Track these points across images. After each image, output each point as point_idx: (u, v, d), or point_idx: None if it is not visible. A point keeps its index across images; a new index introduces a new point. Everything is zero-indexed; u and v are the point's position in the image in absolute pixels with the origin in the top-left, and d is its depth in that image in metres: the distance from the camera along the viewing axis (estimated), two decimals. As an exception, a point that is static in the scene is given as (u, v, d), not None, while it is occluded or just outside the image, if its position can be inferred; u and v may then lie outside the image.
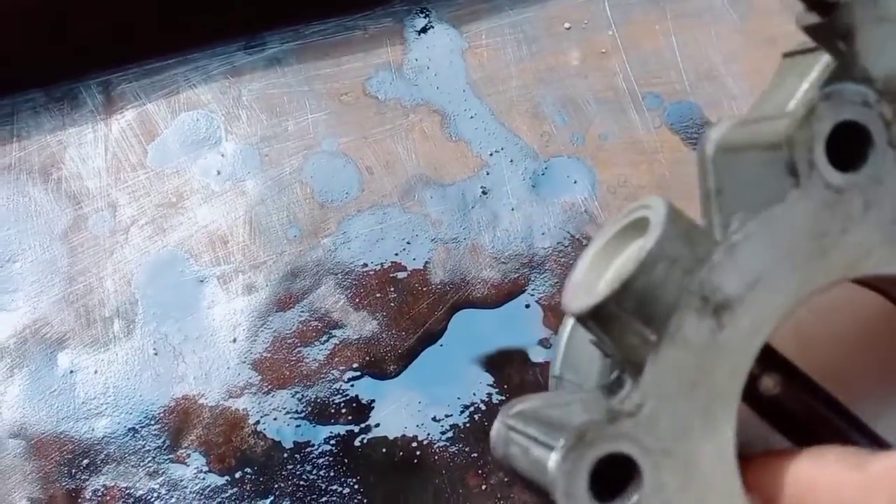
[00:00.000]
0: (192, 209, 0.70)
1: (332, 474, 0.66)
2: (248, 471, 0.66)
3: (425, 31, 0.75)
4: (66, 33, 0.70)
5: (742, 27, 0.76)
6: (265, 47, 0.74)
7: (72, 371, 0.68)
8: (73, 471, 0.66)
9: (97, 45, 0.71)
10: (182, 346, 0.68)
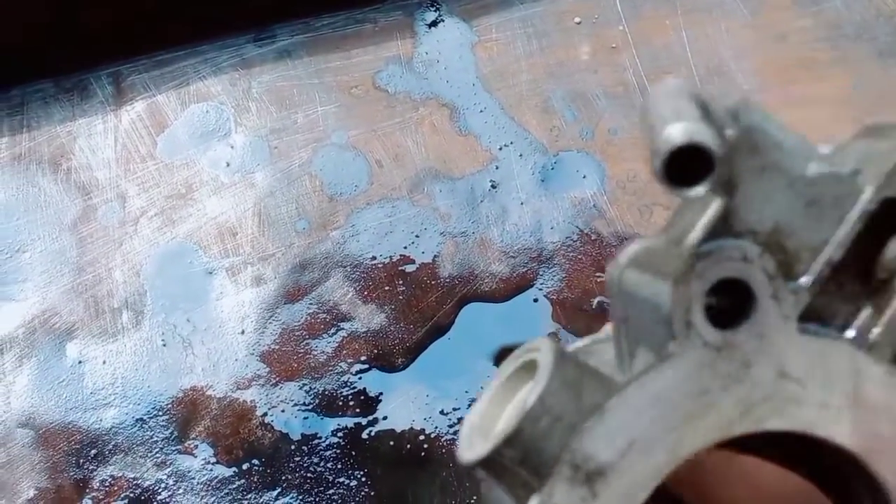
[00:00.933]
0: (201, 201, 0.70)
1: (339, 466, 0.66)
2: (256, 462, 0.66)
3: (435, 24, 0.75)
4: (77, 24, 0.70)
5: (752, 22, 0.76)
6: (275, 40, 0.74)
7: (80, 361, 0.68)
8: (80, 461, 0.67)
9: (107, 36, 0.71)
10: (190, 338, 0.68)
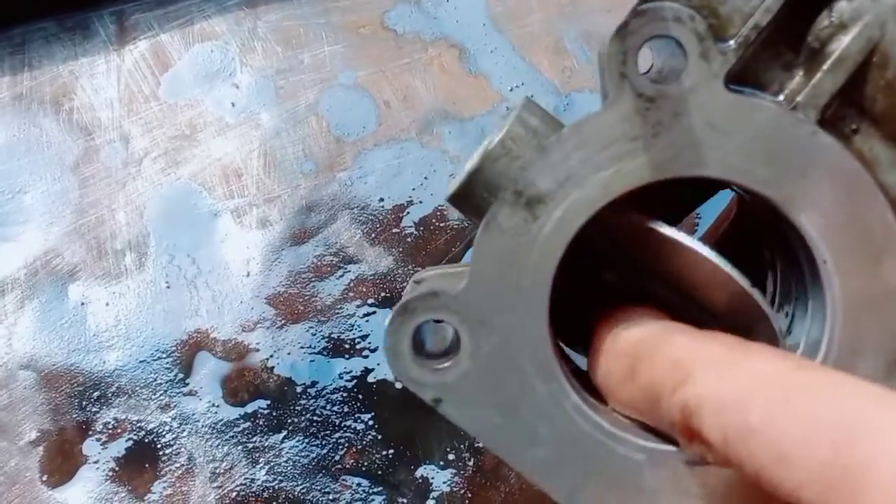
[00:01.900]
0: (205, 142, 0.68)
1: (346, 410, 0.65)
2: (262, 405, 0.65)
3: (445, -36, 0.73)
4: (79, -39, 0.69)
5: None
6: (281, -21, 0.72)
7: (83, 303, 0.67)
8: (83, 403, 0.66)
9: (110, -26, 0.70)
10: (195, 280, 0.67)
